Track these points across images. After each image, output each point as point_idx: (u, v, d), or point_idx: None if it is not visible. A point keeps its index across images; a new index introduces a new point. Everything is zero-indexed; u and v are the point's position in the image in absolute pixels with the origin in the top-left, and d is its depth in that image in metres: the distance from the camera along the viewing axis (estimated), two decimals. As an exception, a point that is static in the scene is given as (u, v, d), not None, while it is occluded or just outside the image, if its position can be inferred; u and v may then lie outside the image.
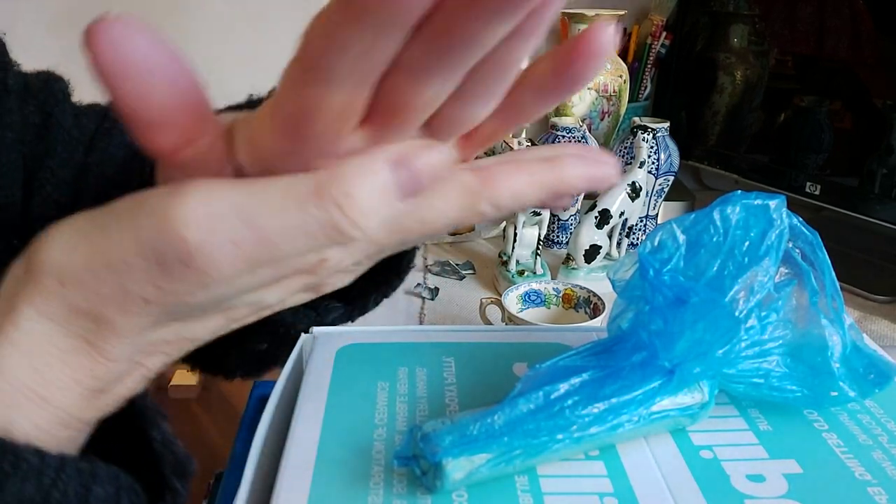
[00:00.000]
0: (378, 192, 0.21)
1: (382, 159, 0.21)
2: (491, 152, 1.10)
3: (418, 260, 0.98)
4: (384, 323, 0.35)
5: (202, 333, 0.24)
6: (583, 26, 1.07)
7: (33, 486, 0.21)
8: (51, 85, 0.46)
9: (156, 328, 0.23)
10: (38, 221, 0.42)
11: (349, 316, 0.39)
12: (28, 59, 0.47)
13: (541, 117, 0.24)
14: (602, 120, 1.11)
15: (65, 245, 0.21)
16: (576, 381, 0.25)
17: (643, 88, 1.22)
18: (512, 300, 0.74)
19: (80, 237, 0.21)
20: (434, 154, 0.22)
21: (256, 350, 0.39)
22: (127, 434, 0.28)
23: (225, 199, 0.20)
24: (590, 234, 0.86)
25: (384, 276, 0.38)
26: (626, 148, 0.98)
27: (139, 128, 0.21)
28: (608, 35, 0.20)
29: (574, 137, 0.96)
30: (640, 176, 0.88)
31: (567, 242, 0.99)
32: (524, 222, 0.87)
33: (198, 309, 0.23)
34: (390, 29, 0.18)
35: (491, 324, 0.78)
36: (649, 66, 1.20)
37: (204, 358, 0.39)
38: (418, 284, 0.89)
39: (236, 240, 0.20)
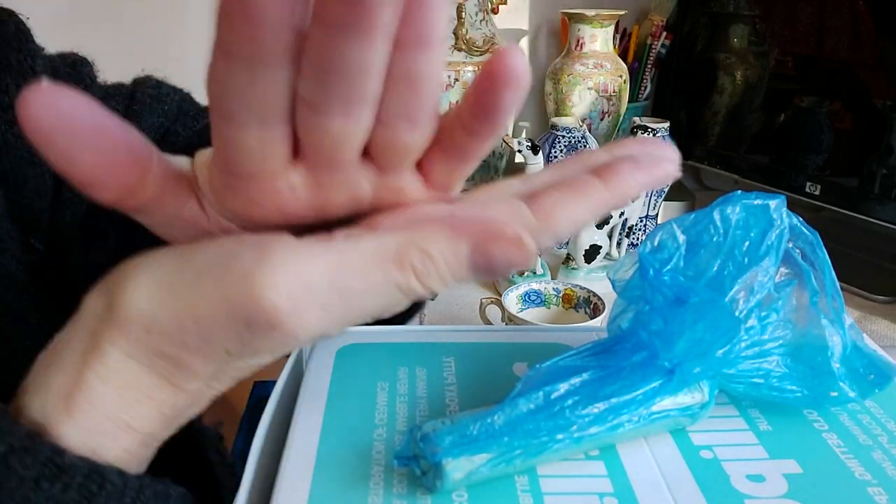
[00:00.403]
0: (453, 264, 0.22)
1: (467, 235, 0.22)
2: (491, 152, 1.10)
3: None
4: (384, 323, 0.35)
5: (270, 360, 0.25)
6: (583, 26, 1.07)
7: None
8: (78, 68, 0.47)
9: (232, 366, 0.24)
10: (69, 206, 0.43)
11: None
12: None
13: (482, 157, 0.24)
14: (602, 120, 1.11)
15: (150, 295, 0.22)
16: (576, 381, 0.25)
17: (643, 88, 1.22)
18: (512, 300, 0.74)
19: (167, 291, 0.22)
20: (512, 242, 0.22)
21: None
22: (186, 453, 0.29)
23: (316, 267, 0.21)
24: (590, 234, 0.87)
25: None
26: (626, 148, 0.98)
27: (76, 185, 0.21)
28: (516, 60, 0.20)
29: (574, 137, 0.96)
30: (640, 176, 0.88)
31: (567, 242, 0.99)
32: (524, 222, 0.87)
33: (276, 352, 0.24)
34: (260, 65, 0.18)
35: (491, 324, 0.78)
36: (649, 66, 1.20)
37: None
38: (418, 284, 0.89)
39: (326, 304, 0.21)
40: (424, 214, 0.24)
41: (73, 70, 0.46)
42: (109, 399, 0.23)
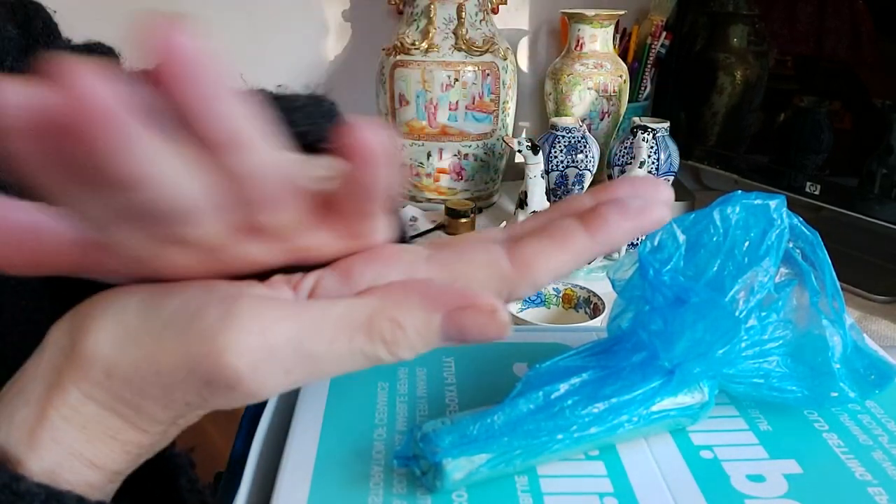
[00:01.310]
0: (424, 334, 0.21)
1: (440, 304, 0.21)
2: (491, 152, 1.10)
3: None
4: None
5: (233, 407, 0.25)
6: (583, 26, 1.07)
7: None
8: (105, 56, 0.48)
9: (193, 413, 0.23)
10: None
11: None
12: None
13: (381, 234, 0.23)
14: (602, 120, 1.11)
15: (114, 341, 0.22)
16: (576, 381, 0.25)
17: (643, 88, 1.22)
18: (512, 300, 0.74)
19: (131, 339, 0.22)
20: (485, 313, 0.21)
21: None
22: (156, 479, 0.29)
23: (280, 331, 0.21)
24: (590, 234, 0.86)
25: None
26: (626, 148, 0.98)
27: None
28: (372, 137, 0.19)
29: (574, 137, 0.96)
30: (640, 176, 0.88)
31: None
32: (524, 222, 0.87)
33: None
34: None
35: (491, 324, 0.77)
36: (649, 66, 1.20)
37: None
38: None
39: (288, 368, 0.21)
40: (398, 270, 0.23)
41: (101, 60, 0.48)
42: (72, 437, 0.22)
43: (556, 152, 0.96)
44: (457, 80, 1.04)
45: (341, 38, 1.24)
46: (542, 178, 0.85)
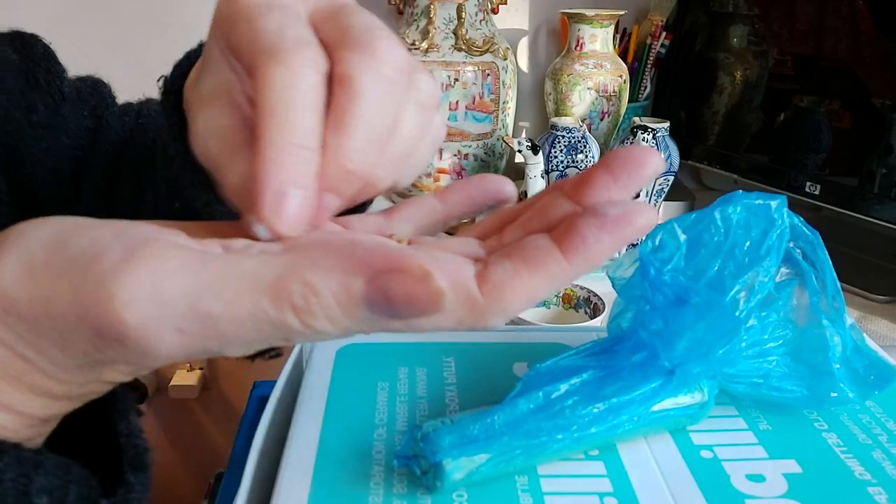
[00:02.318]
0: (344, 302, 0.19)
1: (363, 266, 0.19)
2: (491, 152, 1.10)
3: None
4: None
5: (140, 372, 0.23)
6: (583, 26, 1.07)
7: None
8: (99, 90, 0.49)
9: (98, 368, 0.22)
10: (82, 205, 0.46)
11: None
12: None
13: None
14: (602, 120, 1.11)
15: (15, 276, 0.20)
16: (576, 381, 0.25)
17: (643, 88, 1.22)
18: (512, 300, 0.74)
19: (30, 274, 0.20)
20: (416, 277, 0.19)
21: None
22: (95, 424, 0.28)
23: (175, 284, 0.19)
24: (589, 234, 0.86)
25: None
26: (625, 148, 0.98)
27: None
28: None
29: (574, 137, 0.96)
30: (640, 176, 0.88)
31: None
32: (524, 222, 0.87)
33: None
34: None
35: (491, 324, 0.77)
36: (649, 66, 1.20)
37: None
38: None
39: (182, 328, 0.19)
40: (330, 237, 0.22)
41: (95, 91, 0.49)
42: None
43: (556, 152, 0.96)
44: (457, 80, 1.04)
45: (341, 37, 1.23)
46: (542, 178, 0.85)
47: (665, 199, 1.02)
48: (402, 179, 0.26)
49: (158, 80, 0.34)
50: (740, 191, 0.27)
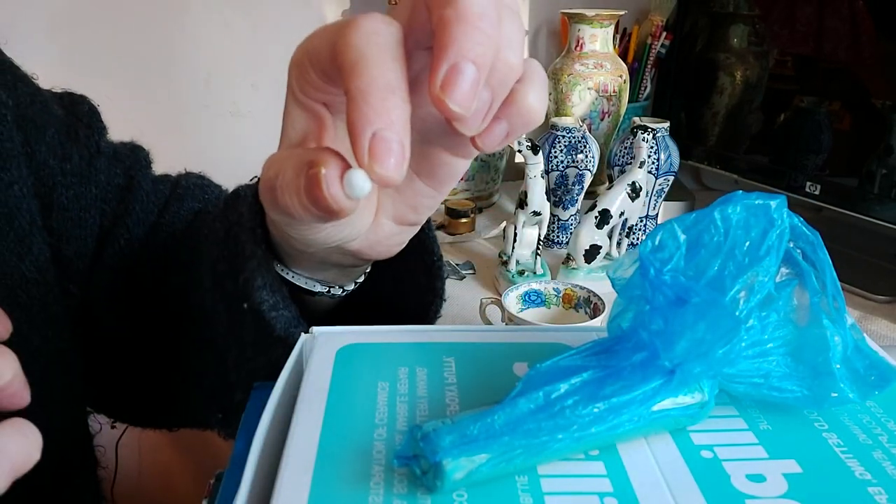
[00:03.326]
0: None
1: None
2: (490, 152, 1.10)
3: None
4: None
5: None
6: (583, 26, 1.07)
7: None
8: (137, 152, 0.53)
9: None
10: (107, 271, 0.48)
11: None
12: (28, 59, 0.48)
13: None
14: (602, 120, 1.11)
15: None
16: (576, 380, 0.25)
17: (643, 88, 1.22)
18: (512, 300, 0.74)
19: None
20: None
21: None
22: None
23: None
24: (590, 234, 0.87)
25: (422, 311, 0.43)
26: (626, 148, 0.98)
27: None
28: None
29: (574, 137, 0.96)
30: (640, 176, 0.88)
31: (567, 242, 0.99)
32: (524, 222, 0.87)
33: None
34: None
35: (491, 324, 0.78)
36: (649, 66, 1.20)
37: None
38: (418, 284, 0.89)
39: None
40: None
41: (132, 153, 0.52)
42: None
43: (556, 152, 0.96)
44: (457, 80, 1.04)
45: (341, 38, 1.23)
46: (542, 178, 0.85)
47: (665, 200, 1.02)
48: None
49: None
50: (740, 191, 0.27)
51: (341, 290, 0.41)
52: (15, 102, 0.44)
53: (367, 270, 0.42)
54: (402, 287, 0.43)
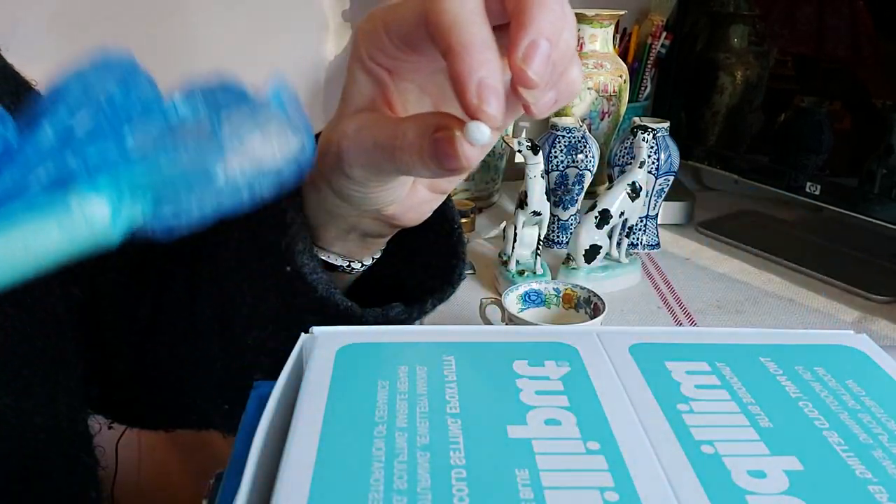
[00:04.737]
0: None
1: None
2: (491, 152, 1.10)
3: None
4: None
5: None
6: (583, 26, 1.07)
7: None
8: None
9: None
10: (109, 271, 0.48)
11: (409, 315, 0.44)
12: (28, 59, 0.48)
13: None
14: (602, 120, 1.11)
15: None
16: None
17: (643, 88, 1.22)
18: (512, 300, 0.74)
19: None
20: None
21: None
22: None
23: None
24: (590, 234, 0.87)
25: (438, 283, 0.45)
26: (626, 148, 0.98)
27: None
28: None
29: (574, 137, 0.96)
30: (640, 176, 0.88)
31: (567, 242, 0.99)
32: (524, 222, 0.87)
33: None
34: None
35: (491, 324, 0.78)
36: (649, 66, 1.20)
37: None
38: (418, 285, 0.89)
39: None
40: None
41: None
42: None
43: (556, 152, 0.96)
44: (457, 80, 1.04)
45: (341, 38, 1.24)
46: (542, 178, 0.85)
47: (665, 200, 1.02)
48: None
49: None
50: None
51: (360, 264, 0.43)
52: (17, 109, 0.44)
53: (383, 248, 0.45)
54: (424, 257, 0.45)
